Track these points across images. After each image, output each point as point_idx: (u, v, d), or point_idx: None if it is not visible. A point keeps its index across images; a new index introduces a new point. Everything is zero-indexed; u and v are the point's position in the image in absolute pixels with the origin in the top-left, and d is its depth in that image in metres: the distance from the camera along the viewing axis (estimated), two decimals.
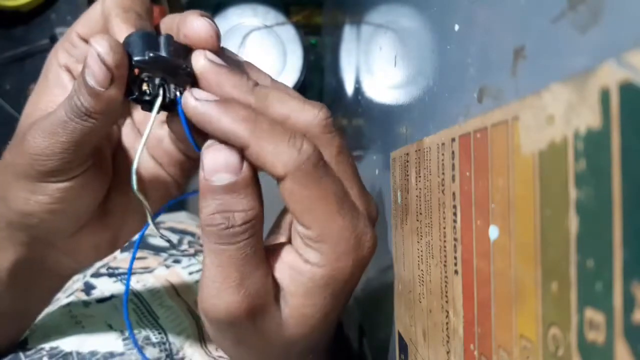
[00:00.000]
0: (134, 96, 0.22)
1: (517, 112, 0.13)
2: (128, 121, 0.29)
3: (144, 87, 0.22)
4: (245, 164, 0.21)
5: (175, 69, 0.21)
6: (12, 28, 0.73)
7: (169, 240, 0.28)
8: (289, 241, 0.23)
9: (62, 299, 0.42)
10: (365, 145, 0.38)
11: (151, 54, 0.21)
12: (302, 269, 0.22)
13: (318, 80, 0.83)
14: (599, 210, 0.10)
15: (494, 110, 0.14)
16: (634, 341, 0.09)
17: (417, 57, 0.23)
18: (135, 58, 0.21)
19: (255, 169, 0.21)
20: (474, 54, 0.16)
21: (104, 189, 0.27)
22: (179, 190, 0.29)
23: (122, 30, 0.22)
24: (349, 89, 0.48)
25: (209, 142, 0.21)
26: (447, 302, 0.19)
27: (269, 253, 0.23)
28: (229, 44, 0.78)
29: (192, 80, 0.22)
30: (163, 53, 0.21)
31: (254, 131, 0.20)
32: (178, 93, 0.22)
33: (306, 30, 0.82)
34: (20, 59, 0.74)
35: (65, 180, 0.25)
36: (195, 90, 0.21)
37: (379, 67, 0.33)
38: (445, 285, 0.19)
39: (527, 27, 0.13)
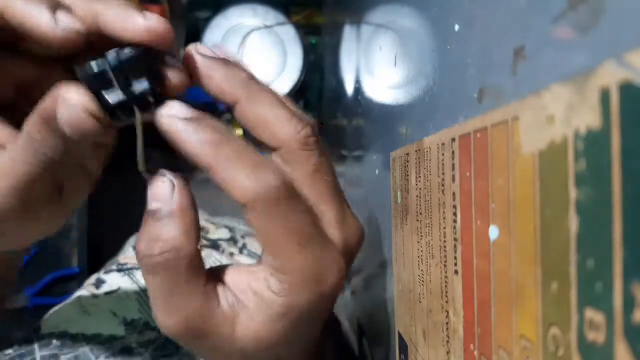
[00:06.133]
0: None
1: (517, 112, 0.13)
2: None
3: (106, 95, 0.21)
4: (176, 196, 0.21)
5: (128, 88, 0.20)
6: None
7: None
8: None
9: (75, 292, 0.46)
10: (365, 145, 0.38)
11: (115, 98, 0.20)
12: (264, 295, 0.22)
13: (318, 80, 0.83)
14: (599, 210, 0.10)
15: (494, 110, 0.14)
16: (634, 341, 0.09)
17: (417, 57, 0.23)
18: (107, 103, 0.20)
19: (193, 203, 0.21)
20: (474, 54, 0.16)
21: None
22: (99, 173, 0.28)
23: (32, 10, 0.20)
24: (349, 89, 0.48)
25: (158, 172, 0.21)
26: (447, 302, 0.19)
27: (240, 273, 0.23)
28: (229, 44, 0.78)
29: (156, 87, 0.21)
30: (116, 90, 0.20)
31: (216, 157, 0.20)
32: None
33: (306, 30, 0.82)
34: None
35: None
36: (169, 105, 0.21)
37: (379, 67, 0.33)
38: (445, 285, 0.19)
39: (527, 27, 0.13)
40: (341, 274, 0.22)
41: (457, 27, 0.18)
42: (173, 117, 0.20)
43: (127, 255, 0.51)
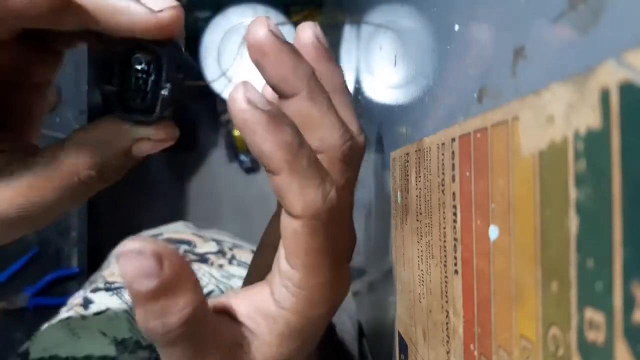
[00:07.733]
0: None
1: (517, 112, 0.13)
2: None
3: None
4: (166, 263, 0.17)
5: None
6: None
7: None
8: (264, 277, 0.22)
9: (62, 312, 0.46)
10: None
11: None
12: (277, 317, 0.21)
13: None
14: (599, 210, 0.10)
15: (494, 110, 0.14)
16: (634, 341, 0.09)
17: (417, 57, 0.23)
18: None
19: (182, 258, 0.18)
20: (474, 54, 0.16)
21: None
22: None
23: None
24: (349, 89, 0.48)
25: (118, 248, 0.17)
26: (447, 302, 0.19)
27: (241, 299, 0.22)
28: (229, 43, 0.78)
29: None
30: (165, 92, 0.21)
31: (291, 163, 0.18)
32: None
33: None
34: None
35: None
36: (250, 88, 0.18)
37: (379, 67, 0.33)
38: (445, 285, 0.19)
39: (527, 27, 0.13)
40: (349, 283, 0.22)
41: (457, 27, 0.18)
42: (254, 105, 0.17)
43: (114, 271, 0.51)
